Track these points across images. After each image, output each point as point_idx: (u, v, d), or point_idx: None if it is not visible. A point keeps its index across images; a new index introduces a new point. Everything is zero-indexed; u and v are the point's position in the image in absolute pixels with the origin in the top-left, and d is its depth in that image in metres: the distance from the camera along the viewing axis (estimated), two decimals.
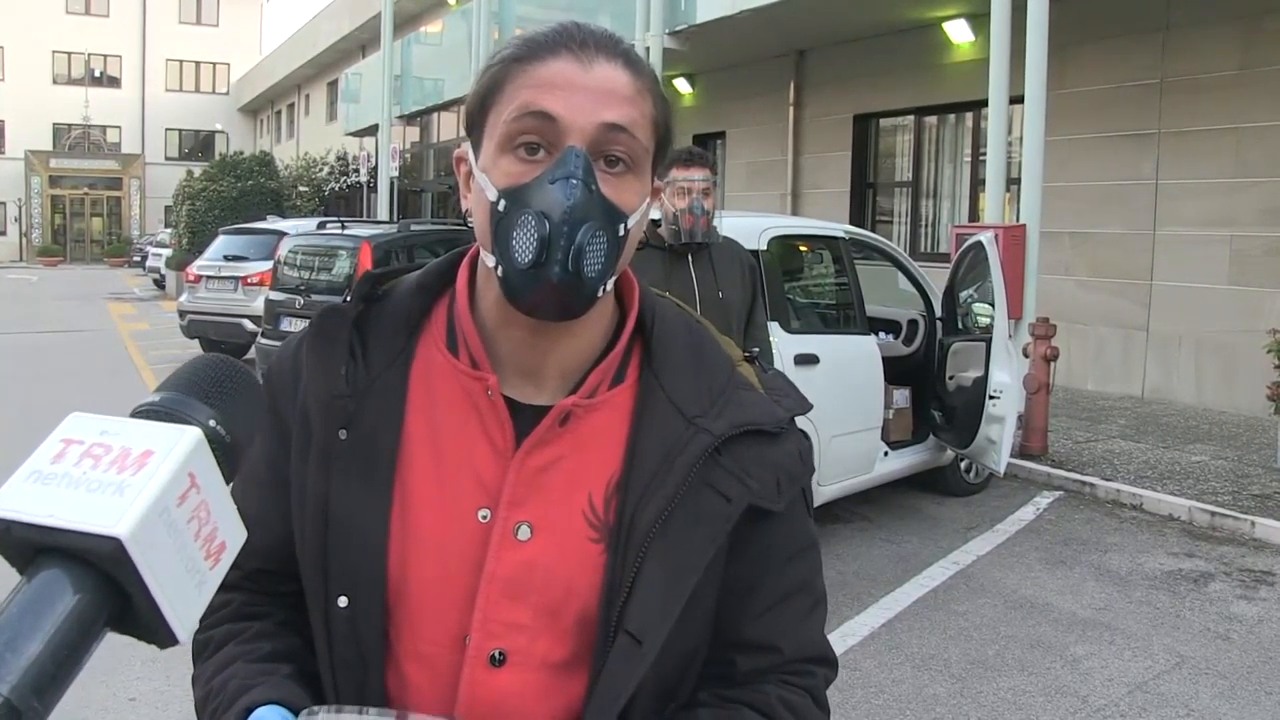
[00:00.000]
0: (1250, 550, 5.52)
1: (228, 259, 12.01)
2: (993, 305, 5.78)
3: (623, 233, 0.88)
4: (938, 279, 6.46)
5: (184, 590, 0.56)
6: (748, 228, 5.07)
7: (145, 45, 42.70)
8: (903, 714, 3.65)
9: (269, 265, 10.54)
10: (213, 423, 0.62)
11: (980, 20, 9.47)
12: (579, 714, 0.91)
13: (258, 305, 10.60)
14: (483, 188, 0.89)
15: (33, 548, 0.54)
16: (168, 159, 42.46)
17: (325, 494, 0.93)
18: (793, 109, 13.81)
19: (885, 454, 5.78)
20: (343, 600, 0.92)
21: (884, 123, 13.18)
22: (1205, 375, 9.16)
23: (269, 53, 40.03)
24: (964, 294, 6.15)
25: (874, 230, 10.81)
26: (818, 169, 13.70)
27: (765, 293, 4.56)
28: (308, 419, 0.94)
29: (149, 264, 26.36)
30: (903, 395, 6.19)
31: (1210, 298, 9.03)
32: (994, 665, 4.05)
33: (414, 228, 10.23)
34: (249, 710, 0.86)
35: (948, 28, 11.32)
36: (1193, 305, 9.18)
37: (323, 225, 10.57)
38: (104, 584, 0.54)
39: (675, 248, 3.78)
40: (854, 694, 3.75)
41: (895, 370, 6.00)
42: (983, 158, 9.74)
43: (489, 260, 0.89)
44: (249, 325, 10.97)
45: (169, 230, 27.93)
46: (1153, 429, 8.24)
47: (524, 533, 0.92)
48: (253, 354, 10.32)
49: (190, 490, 0.57)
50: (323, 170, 25.74)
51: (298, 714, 0.84)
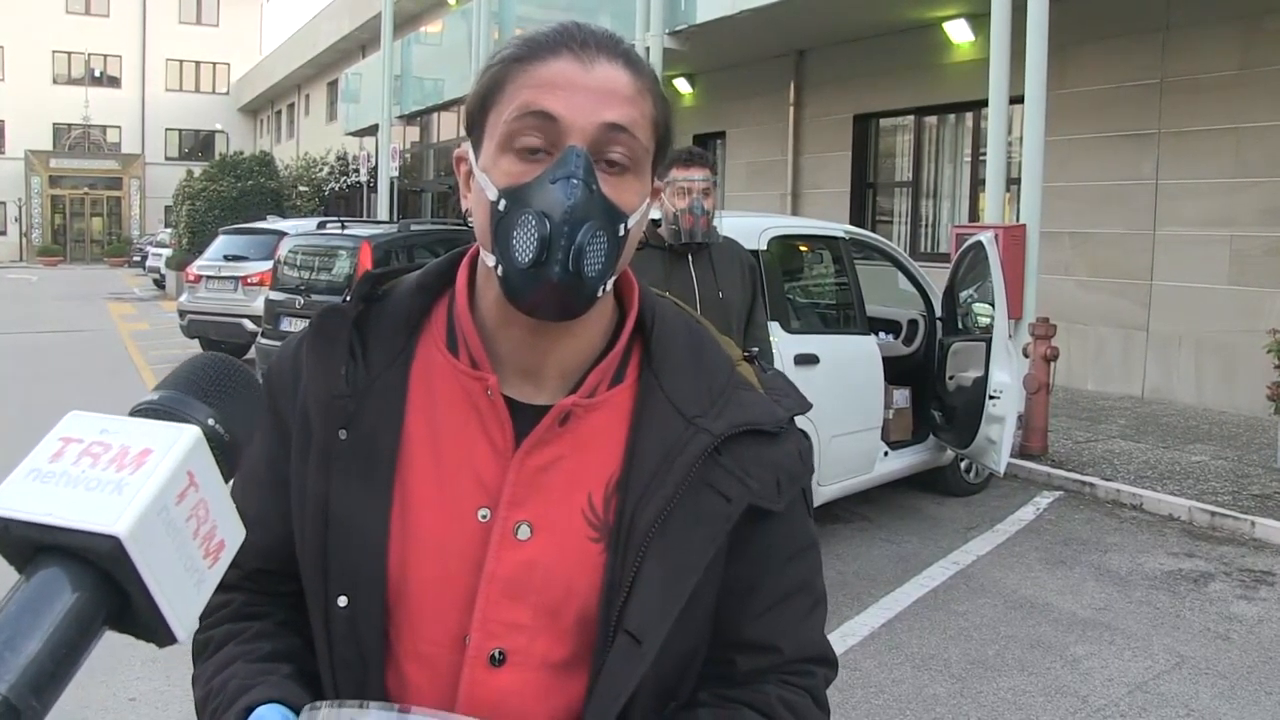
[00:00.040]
0: (1250, 550, 5.52)
1: (228, 259, 12.02)
2: (993, 305, 5.78)
3: (623, 233, 0.88)
4: (938, 279, 6.46)
5: (183, 589, 0.56)
6: (748, 228, 5.07)
7: (145, 45, 42.71)
8: (903, 714, 3.65)
9: (269, 265, 10.55)
10: (211, 421, 0.62)
11: (980, 20, 9.47)
12: (579, 713, 0.91)
13: (258, 305, 10.61)
14: (483, 187, 0.89)
15: (31, 546, 0.54)
16: (168, 159, 42.46)
17: (325, 494, 0.93)
18: (793, 109, 13.81)
19: (885, 454, 5.78)
20: (342, 600, 0.92)
21: (884, 123, 13.18)
22: (1205, 375, 9.15)
23: (269, 53, 40.04)
24: (964, 294, 6.15)
25: (874, 230, 10.80)
26: (818, 169, 13.69)
27: (765, 293, 4.56)
28: (308, 419, 0.94)
29: (149, 264, 26.38)
30: (903, 395, 6.19)
31: (1210, 298, 9.03)
32: (994, 665, 4.05)
33: (414, 228, 10.23)
34: (249, 710, 0.86)
35: (948, 28, 11.32)
36: (1193, 305, 9.18)
37: (323, 225, 10.57)
38: (103, 582, 0.54)
39: (675, 248, 3.78)
40: (854, 694, 3.75)
41: (895, 370, 6.00)
42: (983, 158, 9.74)
43: (489, 260, 0.89)
44: (249, 325, 10.98)
45: (169, 230, 27.93)
46: (1153, 429, 8.24)
47: (524, 532, 0.92)
48: (253, 354, 10.32)
49: (189, 489, 0.57)
50: (323, 170, 25.73)
51: (298, 713, 0.84)
